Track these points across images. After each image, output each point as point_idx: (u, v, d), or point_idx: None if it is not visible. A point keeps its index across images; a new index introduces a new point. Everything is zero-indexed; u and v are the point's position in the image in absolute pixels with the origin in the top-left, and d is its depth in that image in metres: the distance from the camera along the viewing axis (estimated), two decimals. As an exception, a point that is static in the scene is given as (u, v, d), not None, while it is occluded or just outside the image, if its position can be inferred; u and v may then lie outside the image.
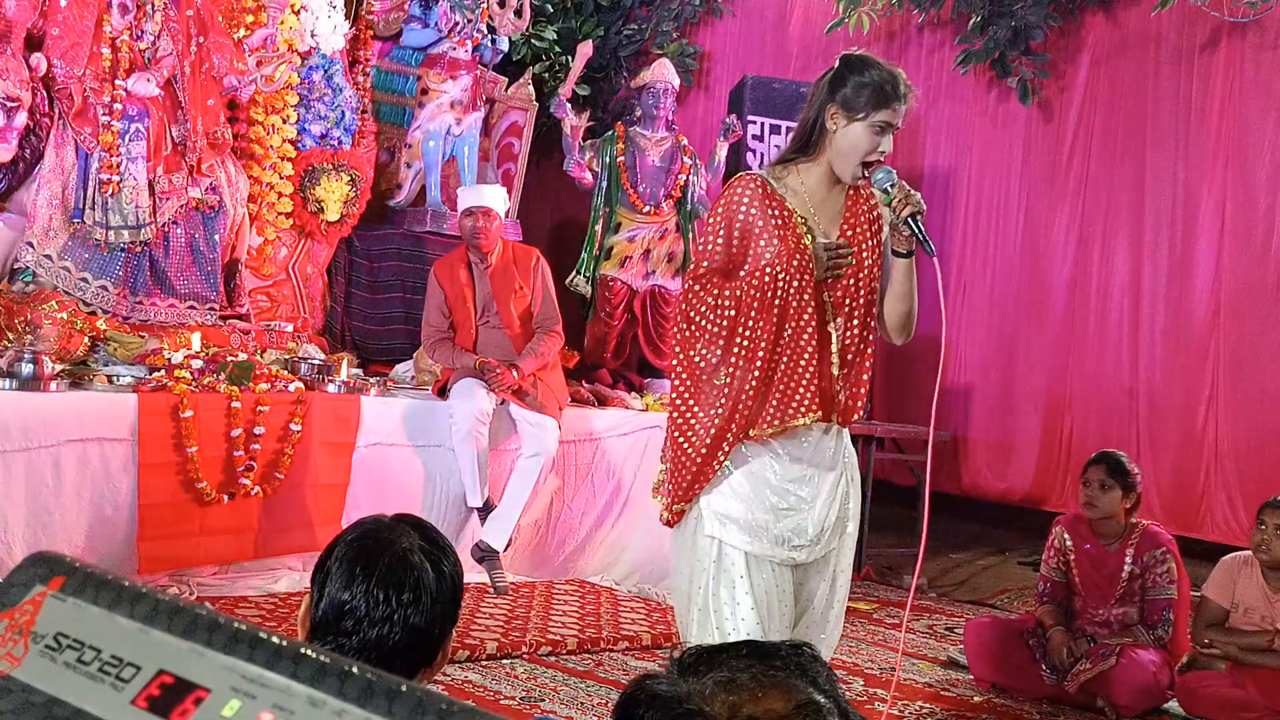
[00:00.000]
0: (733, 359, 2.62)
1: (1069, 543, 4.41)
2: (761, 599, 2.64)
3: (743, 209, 2.68)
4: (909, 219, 2.62)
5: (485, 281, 5.21)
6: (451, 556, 1.64)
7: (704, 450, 2.63)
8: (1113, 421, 6.66)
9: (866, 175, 2.67)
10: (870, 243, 2.75)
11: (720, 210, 2.72)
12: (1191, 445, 6.34)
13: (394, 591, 1.55)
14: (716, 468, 2.65)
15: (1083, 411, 6.84)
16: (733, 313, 2.61)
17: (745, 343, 2.61)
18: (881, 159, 2.65)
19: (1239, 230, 6.27)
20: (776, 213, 2.67)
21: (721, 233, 2.69)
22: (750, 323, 2.61)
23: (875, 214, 2.77)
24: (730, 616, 2.63)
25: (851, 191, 2.75)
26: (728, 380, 2.62)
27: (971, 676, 4.45)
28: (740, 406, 2.62)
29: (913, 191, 2.64)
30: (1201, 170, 6.41)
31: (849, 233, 2.72)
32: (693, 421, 2.66)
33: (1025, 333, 7.15)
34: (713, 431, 2.62)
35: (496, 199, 5.28)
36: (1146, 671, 4.11)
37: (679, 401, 2.69)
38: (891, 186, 2.62)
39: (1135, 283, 6.67)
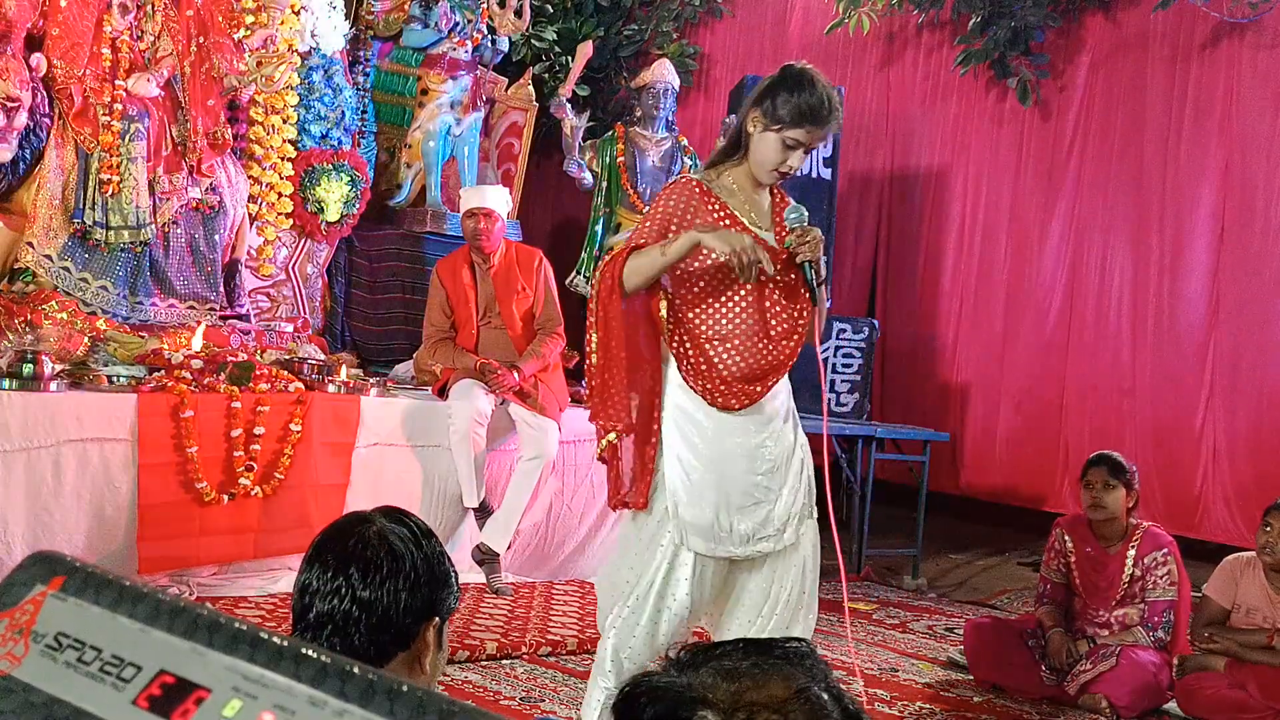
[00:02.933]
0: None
1: (1069, 544, 4.41)
2: (695, 590, 2.79)
3: (680, 208, 2.79)
4: (803, 265, 2.78)
5: (488, 282, 5.21)
6: (423, 542, 1.65)
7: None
8: (1110, 421, 6.67)
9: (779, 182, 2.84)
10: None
11: (659, 208, 2.82)
12: (1189, 445, 6.35)
13: (343, 566, 1.59)
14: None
15: (1080, 412, 6.85)
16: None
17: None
18: (789, 172, 2.80)
19: (1236, 230, 6.28)
20: (722, 213, 2.80)
21: (658, 226, 2.79)
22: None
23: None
24: (665, 609, 2.79)
25: (776, 192, 2.90)
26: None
27: (971, 677, 4.45)
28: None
29: (814, 240, 2.78)
30: (1200, 170, 6.41)
31: (781, 232, 2.87)
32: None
33: (1023, 333, 7.16)
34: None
35: (498, 200, 5.28)
36: (1146, 672, 4.11)
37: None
38: (796, 227, 2.79)
39: (1133, 283, 6.67)
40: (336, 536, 1.64)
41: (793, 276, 2.86)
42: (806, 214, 2.83)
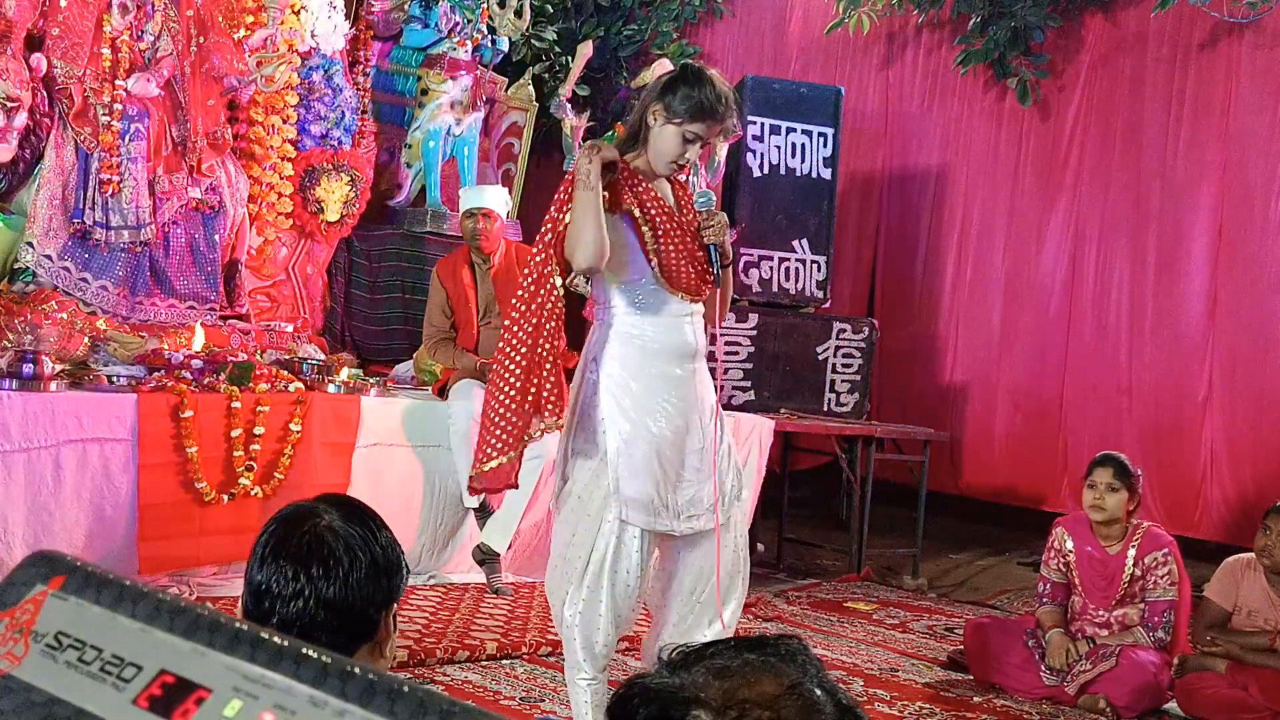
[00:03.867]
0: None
1: (1070, 544, 4.41)
2: (643, 563, 2.92)
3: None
4: (709, 246, 2.93)
5: (488, 282, 5.21)
6: (375, 531, 1.63)
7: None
8: (1109, 421, 6.67)
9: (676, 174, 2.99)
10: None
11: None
12: (1188, 444, 6.35)
13: (302, 567, 1.54)
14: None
15: (1079, 411, 6.85)
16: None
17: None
18: (686, 165, 2.94)
19: (1235, 230, 6.28)
20: (648, 193, 2.96)
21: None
22: None
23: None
24: (618, 583, 2.89)
25: (675, 183, 3.04)
26: None
27: (971, 677, 4.45)
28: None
29: (720, 224, 2.94)
30: (1199, 170, 6.41)
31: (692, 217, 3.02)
32: None
33: (1022, 332, 7.16)
34: None
35: (498, 200, 5.28)
36: (1146, 672, 4.10)
37: None
38: (703, 212, 2.95)
39: (1132, 282, 6.67)
40: (288, 533, 1.59)
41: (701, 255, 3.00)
42: (714, 198, 2.99)
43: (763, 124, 6.69)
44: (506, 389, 2.95)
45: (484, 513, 5.00)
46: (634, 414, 2.92)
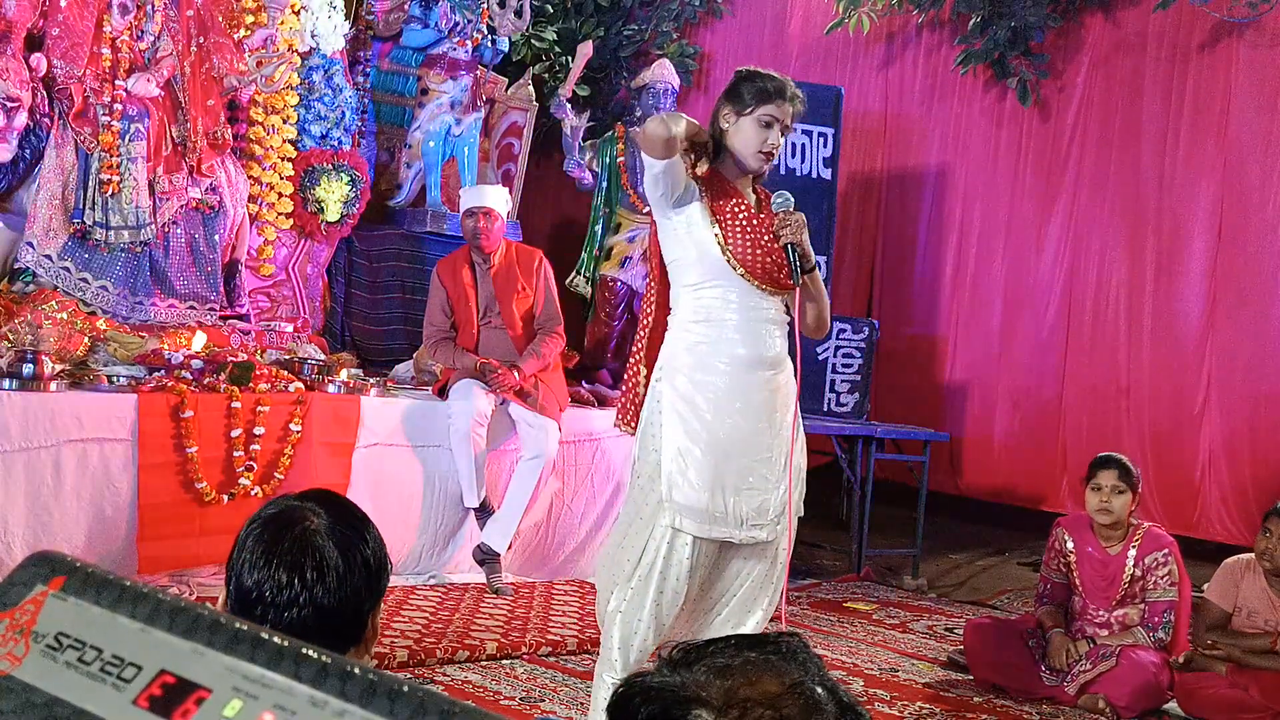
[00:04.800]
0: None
1: (1070, 544, 4.41)
2: (693, 572, 2.91)
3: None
4: (786, 246, 2.90)
5: (488, 282, 5.21)
6: (366, 532, 1.59)
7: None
8: (1108, 421, 6.68)
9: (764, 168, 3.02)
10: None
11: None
12: (1187, 444, 6.35)
13: (296, 573, 1.51)
14: None
15: (1079, 411, 6.85)
16: None
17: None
18: (773, 151, 2.97)
19: (1234, 230, 6.28)
20: (735, 195, 3.00)
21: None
22: None
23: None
24: (665, 590, 2.89)
25: (760, 191, 3.06)
26: None
27: (971, 677, 4.45)
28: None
29: (797, 223, 2.90)
30: (1198, 170, 6.42)
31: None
32: None
33: (1022, 332, 7.16)
34: None
35: (499, 199, 5.28)
36: (1146, 672, 4.10)
37: None
38: (781, 212, 2.93)
39: (1131, 282, 6.68)
40: (276, 536, 1.55)
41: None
42: (792, 200, 2.97)
43: (763, 124, 6.68)
44: None
45: (484, 512, 5.00)
46: (695, 421, 2.90)
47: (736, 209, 2.95)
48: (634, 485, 3.00)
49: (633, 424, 3.06)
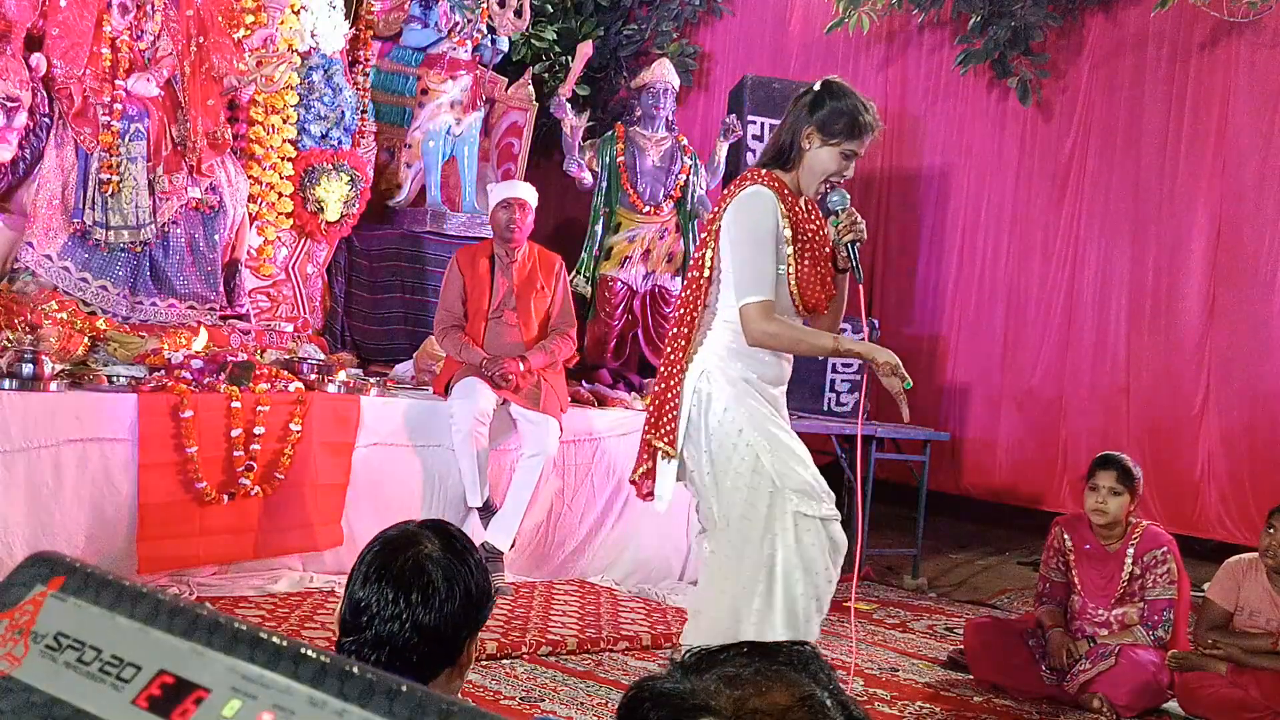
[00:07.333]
0: None
1: (1069, 543, 4.41)
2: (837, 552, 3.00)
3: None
4: (848, 244, 2.92)
5: (509, 276, 5.21)
6: (471, 561, 1.73)
7: None
8: (1108, 420, 6.67)
9: (823, 192, 3.02)
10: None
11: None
12: (1186, 443, 6.35)
13: (403, 592, 1.64)
14: None
15: (1079, 411, 6.85)
16: None
17: None
18: (841, 181, 2.98)
19: (1233, 230, 6.28)
20: (794, 216, 3.00)
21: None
22: None
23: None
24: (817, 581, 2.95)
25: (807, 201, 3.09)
26: None
27: (971, 677, 4.45)
28: None
29: (859, 220, 2.95)
30: (1198, 169, 6.41)
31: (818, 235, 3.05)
32: None
33: (1022, 332, 7.16)
34: None
35: (530, 193, 5.30)
36: (1146, 671, 4.11)
37: None
38: (841, 210, 2.94)
39: (1131, 282, 6.67)
40: (391, 556, 1.68)
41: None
42: (849, 198, 3.01)
43: (763, 124, 6.69)
44: None
45: (487, 512, 5.00)
46: (764, 410, 3.00)
47: (803, 239, 2.96)
48: (726, 502, 2.94)
49: (672, 441, 2.99)
